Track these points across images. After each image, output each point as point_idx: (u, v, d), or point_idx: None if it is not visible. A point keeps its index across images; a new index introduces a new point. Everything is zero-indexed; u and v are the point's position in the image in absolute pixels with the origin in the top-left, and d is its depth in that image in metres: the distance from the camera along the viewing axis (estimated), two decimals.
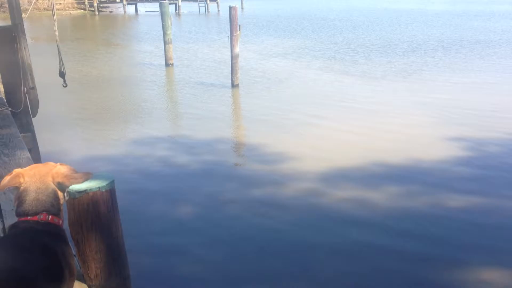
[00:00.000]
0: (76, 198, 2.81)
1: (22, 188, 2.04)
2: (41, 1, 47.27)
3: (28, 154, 4.86)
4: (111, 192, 2.97)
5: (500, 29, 28.31)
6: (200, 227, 6.12)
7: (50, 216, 1.99)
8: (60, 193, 2.13)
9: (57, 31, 7.03)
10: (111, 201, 3.00)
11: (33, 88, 6.99)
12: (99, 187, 2.86)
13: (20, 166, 4.40)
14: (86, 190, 2.80)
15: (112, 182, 2.94)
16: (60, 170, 2.15)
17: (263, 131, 9.90)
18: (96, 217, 2.92)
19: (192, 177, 7.65)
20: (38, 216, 1.95)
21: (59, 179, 2.10)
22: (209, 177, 7.64)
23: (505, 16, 37.76)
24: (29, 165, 4.45)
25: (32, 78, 6.99)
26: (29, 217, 1.95)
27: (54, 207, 2.03)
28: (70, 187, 2.76)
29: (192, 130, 10.07)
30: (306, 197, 6.90)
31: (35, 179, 2.06)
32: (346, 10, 50.43)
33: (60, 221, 2.07)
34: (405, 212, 6.40)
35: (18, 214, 1.99)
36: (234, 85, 13.79)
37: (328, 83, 14.34)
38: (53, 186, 2.07)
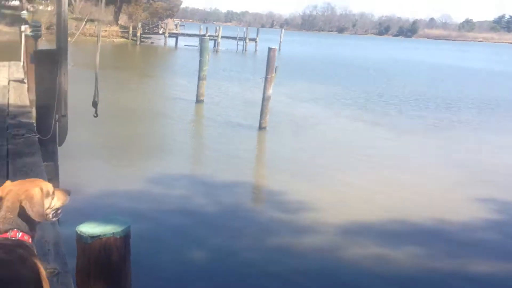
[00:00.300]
0: (87, 244, 2.74)
1: None
2: (88, 27, 49.18)
3: None
4: (125, 239, 2.88)
5: None
6: (214, 273, 6.00)
7: (20, 233, 2.02)
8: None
9: (98, 60, 7.10)
10: (125, 248, 2.89)
11: (65, 116, 7.00)
12: (113, 232, 2.77)
13: None
14: (99, 235, 2.73)
15: (127, 228, 2.85)
16: (35, 190, 2.13)
17: (285, 178, 9.77)
18: (107, 265, 2.82)
19: (209, 220, 7.55)
20: (8, 234, 1.99)
21: (23, 198, 2.08)
22: (227, 221, 7.53)
23: None
24: None
25: (66, 106, 6.99)
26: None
27: (23, 225, 2.05)
28: (83, 231, 2.70)
29: (214, 170, 10.03)
30: (324, 250, 6.73)
31: (10, 196, 2.09)
32: (382, 60, 50.57)
33: (30, 239, 2.07)
34: (426, 273, 6.19)
35: None
36: (261, 128, 13.75)
37: (356, 133, 14.23)
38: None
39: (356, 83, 27.45)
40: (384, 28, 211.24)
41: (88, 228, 2.77)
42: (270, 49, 13.70)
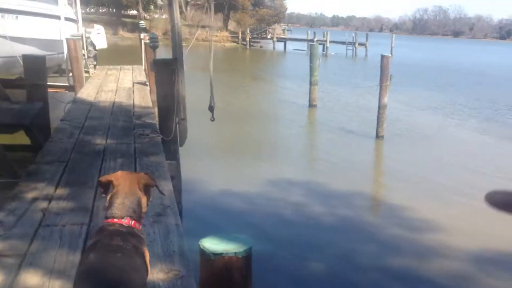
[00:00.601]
0: (210, 259, 2.79)
1: (113, 192, 2.18)
2: (200, 32, 51.42)
3: (171, 186, 4.82)
4: (247, 259, 2.87)
5: None
6: None
7: (133, 222, 2.09)
8: (144, 201, 2.20)
9: (212, 67, 7.21)
10: (246, 268, 2.90)
11: (184, 119, 7.20)
12: (235, 252, 2.79)
13: (162, 197, 4.37)
14: (222, 253, 2.77)
15: (249, 249, 2.89)
16: (144, 176, 2.29)
17: (407, 192, 9.06)
18: (229, 282, 2.85)
19: (326, 232, 7.17)
20: (122, 220, 2.07)
21: (144, 182, 2.22)
22: (345, 234, 7.11)
23: None
24: (170, 197, 4.41)
25: (184, 110, 7.20)
26: (115, 220, 2.07)
27: (136, 214, 2.12)
28: (206, 246, 2.78)
29: (329, 178, 9.62)
30: (451, 278, 6.03)
31: (126, 183, 2.18)
32: (507, 66, 46.40)
33: (140, 227, 2.16)
34: None
35: (106, 217, 2.13)
36: (378, 136, 13.06)
37: (484, 148, 12.92)
38: (139, 193, 2.18)
39: (479, 91, 25.24)
40: (506, 32, 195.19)
41: (211, 244, 2.82)
42: (383, 56, 13.21)
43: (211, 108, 7.37)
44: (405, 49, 70.83)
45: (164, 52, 11.46)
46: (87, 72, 13.24)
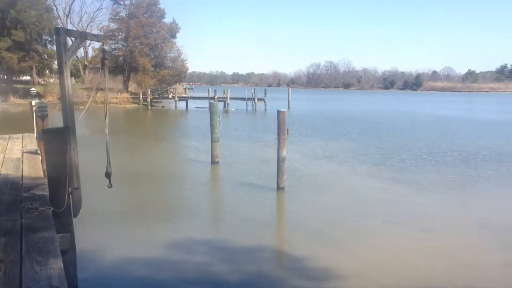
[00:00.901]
0: None
1: None
2: (98, 95, 50.46)
3: (60, 264, 4.55)
4: None
5: None
6: None
7: None
8: None
9: (108, 132, 7.11)
10: None
11: (78, 188, 6.92)
12: None
13: (50, 277, 4.11)
14: None
15: None
16: None
17: (308, 242, 9.34)
18: None
19: None
20: None
21: None
22: None
23: None
24: (59, 276, 4.17)
25: (78, 179, 6.94)
26: None
27: None
28: None
29: (234, 234, 9.66)
30: None
31: None
32: (391, 113, 50.80)
33: None
34: None
35: None
36: (279, 188, 13.46)
37: (376, 192, 13.76)
38: None
39: (368, 138, 27.29)
40: (389, 83, 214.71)
41: None
42: (279, 111, 13.70)
43: (107, 175, 7.23)
44: (301, 102, 75.01)
45: (58, 118, 11.05)
46: None
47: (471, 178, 15.95)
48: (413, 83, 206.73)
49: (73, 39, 7.06)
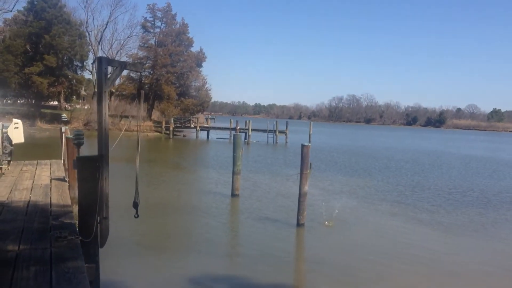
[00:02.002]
0: None
1: None
2: (122, 122, 51.42)
3: None
4: None
5: None
6: None
7: None
8: None
9: (138, 163, 7.26)
10: None
11: (106, 218, 7.04)
12: None
13: None
14: None
15: None
16: None
17: (328, 280, 9.28)
18: None
19: None
20: None
21: None
22: None
23: None
24: None
25: (107, 208, 7.07)
26: None
27: None
28: None
29: (254, 271, 9.64)
30: None
31: None
32: (414, 151, 50.31)
33: None
34: None
35: None
36: (299, 224, 13.42)
37: (399, 232, 13.55)
38: None
39: (390, 176, 27.05)
40: (412, 119, 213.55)
41: None
42: (303, 146, 13.67)
43: (135, 205, 7.28)
44: (322, 135, 74.96)
45: (84, 144, 11.34)
46: (0, 169, 12.71)
47: (497, 220, 15.65)
48: (436, 120, 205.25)
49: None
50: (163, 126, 57.32)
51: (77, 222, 7.16)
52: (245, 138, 51.26)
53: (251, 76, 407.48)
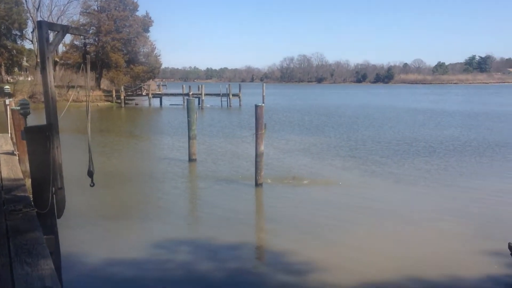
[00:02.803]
0: None
1: None
2: (69, 93, 49.58)
3: (51, 265, 4.61)
4: None
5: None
6: None
7: None
8: None
9: (89, 130, 7.12)
10: None
11: (61, 188, 6.91)
12: None
13: (43, 278, 4.17)
14: None
15: None
16: None
17: (289, 236, 9.55)
18: None
19: (215, 287, 7.24)
20: None
21: None
22: (235, 287, 7.22)
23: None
24: (52, 277, 4.22)
25: (61, 178, 6.93)
26: None
27: None
28: None
29: (215, 232, 9.76)
30: None
31: None
32: (364, 107, 51.58)
33: None
34: None
35: None
36: (257, 184, 13.63)
37: (353, 184, 14.05)
38: None
39: (343, 132, 27.82)
40: (362, 76, 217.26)
41: None
42: (257, 106, 13.73)
43: (90, 173, 7.19)
44: (276, 97, 75.31)
45: (31, 116, 10.95)
46: None
47: (443, 168, 16.44)
48: (385, 76, 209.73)
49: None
50: (114, 95, 55.81)
51: (31, 195, 6.97)
52: (199, 103, 50.78)
53: (201, 40, 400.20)
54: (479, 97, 79.05)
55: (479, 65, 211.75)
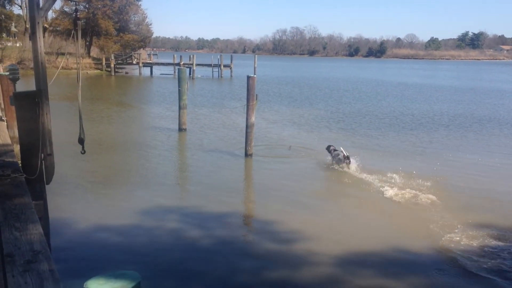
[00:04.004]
0: None
1: None
2: (59, 60, 48.79)
3: (40, 230, 4.63)
4: None
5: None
6: None
7: None
8: None
9: (80, 98, 7.06)
10: None
11: (50, 154, 6.87)
12: None
13: (31, 242, 4.19)
14: None
15: (138, 284, 2.78)
16: None
17: (277, 206, 9.65)
18: None
19: (203, 254, 7.34)
20: None
21: None
22: (221, 255, 7.33)
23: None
24: (40, 241, 4.24)
25: (51, 145, 6.88)
26: None
27: None
28: None
29: (204, 201, 9.84)
30: (322, 283, 6.59)
31: None
32: (356, 80, 51.55)
33: None
34: None
35: None
36: (247, 155, 13.68)
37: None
38: None
39: (333, 104, 27.93)
40: (354, 50, 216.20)
41: (97, 285, 2.72)
42: (249, 77, 13.66)
43: (81, 141, 7.18)
44: (268, 69, 74.85)
45: (20, 83, 10.80)
46: None
47: (429, 142, 16.62)
48: (377, 50, 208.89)
49: None
50: (104, 63, 55.05)
51: (19, 161, 6.94)
52: (190, 74, 50.35)
53: (193, 10, 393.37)
54: (469, 73, 79.33)
55: (472, 42, 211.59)
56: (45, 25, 55.14)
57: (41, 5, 6.72)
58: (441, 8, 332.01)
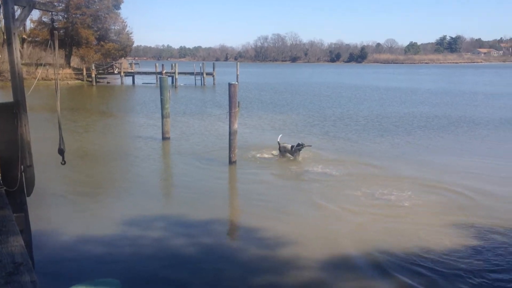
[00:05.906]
0: None
1: None
2: (38, 70, 48.26)
3: (21, 242, 4.58)
4: None
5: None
6: None
7: None
8: None
9: (59, 108, 7.03)
10: None
11: (30, 166, 6.81)
12: None
13: (12, 254, 4.14)
14: None
15: None
16: None
17: (262, 212, 9.66)
18: None
19: (188, 262, 7.31)
20: None
21: None
22: (206, 262, 7.30)
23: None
24: (21, 253, 4.19)
25: (30, 156, 6.83)
26: None
27: None
28: None
29: (189, 209, 9.80)
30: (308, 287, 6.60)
31: None
32: (337, 86, 52.03)
33: None
34: None
35: None
36: (231, 162, 13.68)
37: (327, 162, 14.22)
38: None
39: (314, 110, 28.16)
40: (335, 55, 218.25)
41: None
42: (230, 84, 13.68)
43: (60, 151, 7.17)
44: (250, 76, 75.14)
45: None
46: None
47: (413, 145, 16.85)
48: (358, 55, 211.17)
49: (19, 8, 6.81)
50: (85, 73, 54.59)
51: None
52: (172, 82, 50.22)
53: (175, 18, 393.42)
54: (447, 77, 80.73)
55: (450, 45, 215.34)
56: (23, 36, 54.57)
57: (16, 16, 6.68)
58: (419, 13, 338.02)
